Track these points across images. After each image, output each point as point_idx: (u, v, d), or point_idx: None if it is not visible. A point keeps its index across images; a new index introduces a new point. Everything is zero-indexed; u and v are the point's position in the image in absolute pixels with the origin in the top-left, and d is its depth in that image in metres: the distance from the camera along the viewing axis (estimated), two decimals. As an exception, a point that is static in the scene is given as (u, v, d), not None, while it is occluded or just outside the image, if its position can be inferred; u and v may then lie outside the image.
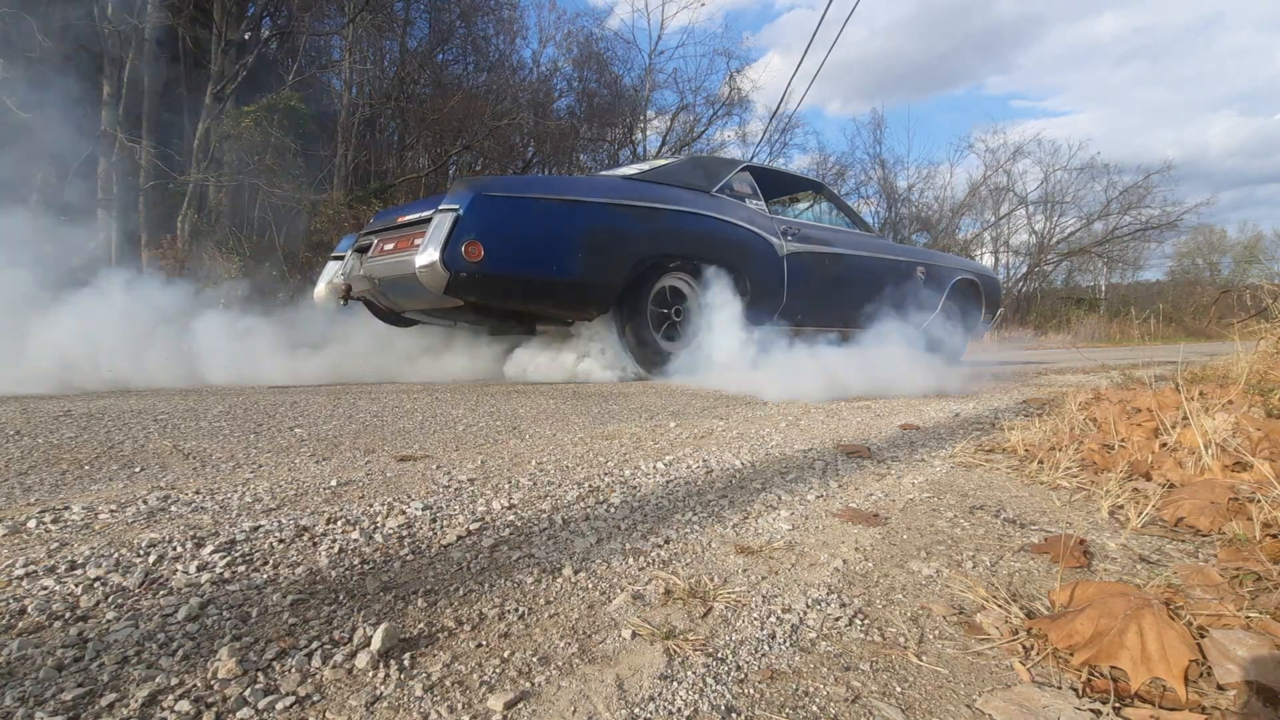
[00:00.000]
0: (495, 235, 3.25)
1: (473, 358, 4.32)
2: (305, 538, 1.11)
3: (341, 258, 4.22)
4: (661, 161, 4.67)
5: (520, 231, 3.39)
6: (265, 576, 0.96)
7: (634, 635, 0.84)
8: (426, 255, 3.11)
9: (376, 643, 0.77)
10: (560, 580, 1.00)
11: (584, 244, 3.53)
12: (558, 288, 3.50)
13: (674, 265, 4.07)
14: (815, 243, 4.87)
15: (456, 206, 3.17)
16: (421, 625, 0.84)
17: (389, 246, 3.55)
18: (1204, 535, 1.22)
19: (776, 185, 5.40)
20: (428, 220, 3.29)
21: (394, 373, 4.11)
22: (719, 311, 4.11)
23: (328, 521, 1.19)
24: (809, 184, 5.92)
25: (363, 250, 3.86)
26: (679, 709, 0.69)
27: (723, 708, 0.70)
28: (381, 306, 4.09)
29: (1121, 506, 1.38)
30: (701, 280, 4.19)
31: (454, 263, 3.10)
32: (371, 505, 1.29)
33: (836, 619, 0.89)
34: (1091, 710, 0.69)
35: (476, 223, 3.18)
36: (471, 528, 1.19)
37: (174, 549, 1.04)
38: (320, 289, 4.37)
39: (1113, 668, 0.75)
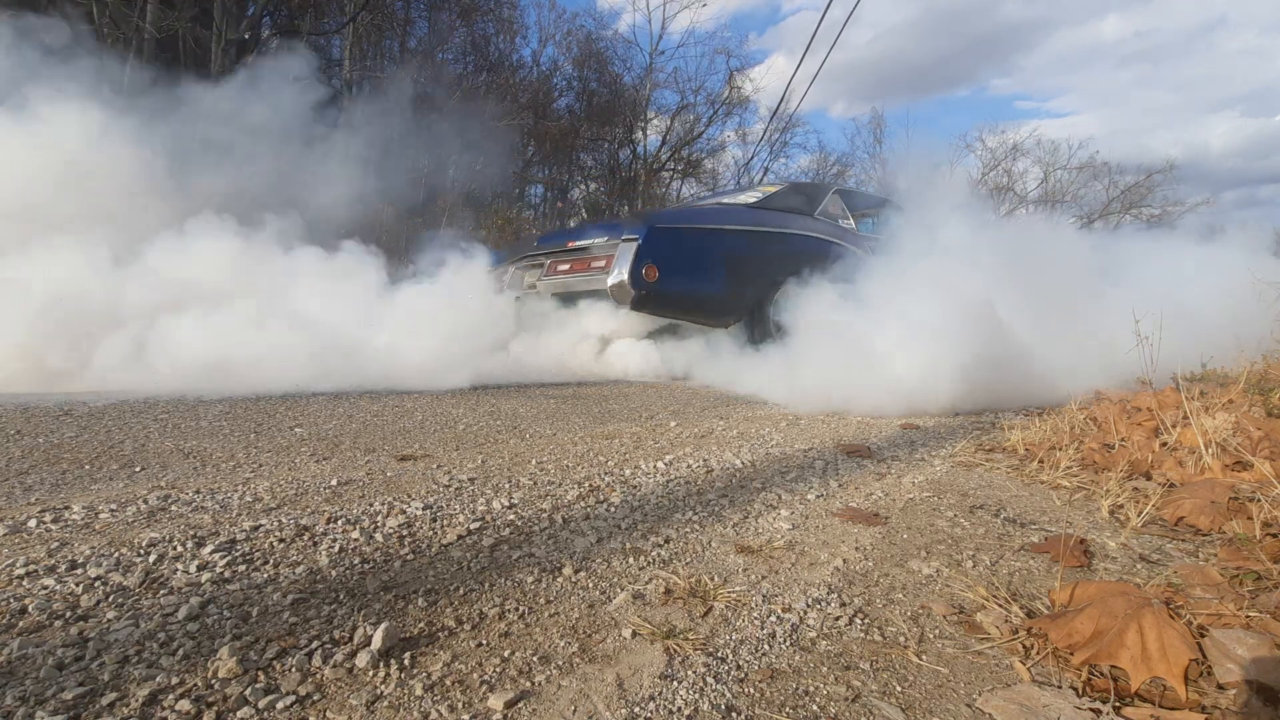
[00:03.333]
0: (665, 259, 4.01)
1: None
2: (305, 537, 1.11)
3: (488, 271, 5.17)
4: (770, 189, 5.49)
5: (682, 255, 4.15)
6: (266, 576, 0.96)
7: (634, 634, 0.84)
8: (617, 276, 3.91)
9: (377, 642, 0.77)
10: (560, 579, 1.00)
11: (727, 264, 4.29)
12: (709, 301, 4.26)
13: (789, 280, 4.45)
14: None
15: (636, 236, 3.97)
16: (422, 624, 0.85)
17: (564, 267, 4.36)
18: (1204, 534, 1.22)
19: (859, 203, 5.90)
20: (593, 246, 4.16)
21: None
22: None
23: (328, 521, 1.19)
24: (882, 201, 6.37)
25: (528, 266, 4.71)
26: (679, 708, 0.69)
27: (723, 707, 0.70)
28: None
29: (1122, 506, 1.38)
30: None
31: (637, 282, 3.87)
32: (372, 505, 1.29)
33: (837, 618, 0.89)
34: (1091, 709, 0.69)
35: (652, 249, 3.96)
36: (472, 527, 1.19)
37: (174, 548, 1.04)
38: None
39: (1113, 667, 0.75)
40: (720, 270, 4.24)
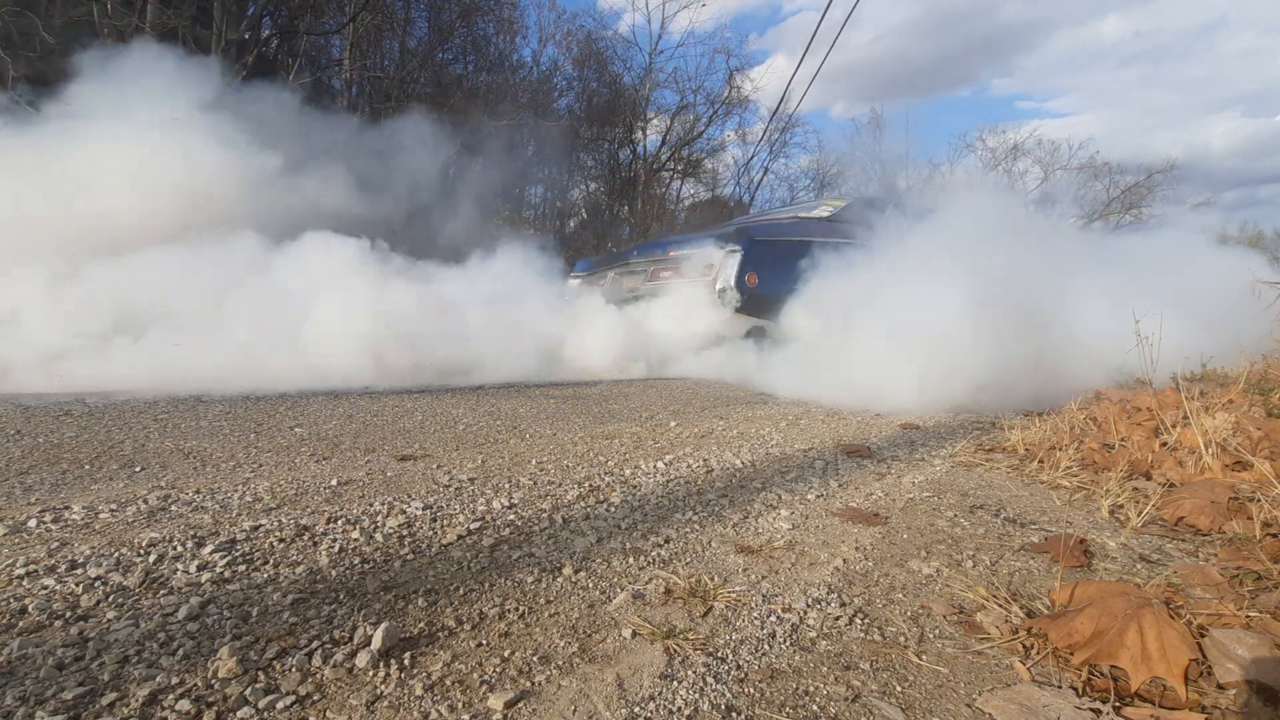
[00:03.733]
0: (763, 267, 4.64)
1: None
2: (305, 537, 1.11)
3: (579, 276, 5.91)
4: (837, 203, 6.03)
5: (775, 264, 4.74)
6: (266, 576, 0.96)
7: (634, 634, 0.84)
8: (723, 282, 4.55)
9: (377, 642, 0.77)
10: (560, 579, 1.00)
11: (810, 271, 4.73)
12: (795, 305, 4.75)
13: None
14: None
15: (739, 248, 4.59)
16: (422, 624, 0.85)
17: (667, 274, 5.02)
18: (1204, 534, 1.22)
19: (914, 214, 6.24)
20: (696, 255, 4.81)
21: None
22: None
23: (328, 521, 1.19)
24: (935, 212, 6.51)
25: (626, 273, 5.36)
26: (679, 708, 0.69)
27: (723, 707, 0.70)
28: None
29: (1122, 506, 1.38)
30: None
31: (741, 287, 4.52)
32: (372, 505, 1.29)
33: (837, 618, 0.89)
34: (1091, 709, 0.69)
35: (752, 259, 4.61)
36: (472, 527, 1.19)
37: (174, 548, 1.04)
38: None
39: (1113, 667, 0.75)
40: (806, 277, 4.74)
